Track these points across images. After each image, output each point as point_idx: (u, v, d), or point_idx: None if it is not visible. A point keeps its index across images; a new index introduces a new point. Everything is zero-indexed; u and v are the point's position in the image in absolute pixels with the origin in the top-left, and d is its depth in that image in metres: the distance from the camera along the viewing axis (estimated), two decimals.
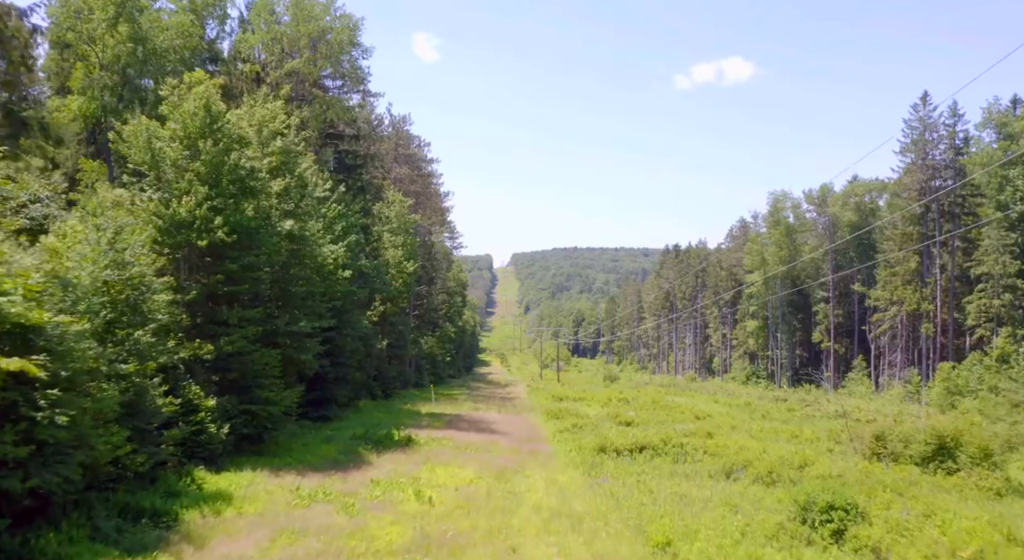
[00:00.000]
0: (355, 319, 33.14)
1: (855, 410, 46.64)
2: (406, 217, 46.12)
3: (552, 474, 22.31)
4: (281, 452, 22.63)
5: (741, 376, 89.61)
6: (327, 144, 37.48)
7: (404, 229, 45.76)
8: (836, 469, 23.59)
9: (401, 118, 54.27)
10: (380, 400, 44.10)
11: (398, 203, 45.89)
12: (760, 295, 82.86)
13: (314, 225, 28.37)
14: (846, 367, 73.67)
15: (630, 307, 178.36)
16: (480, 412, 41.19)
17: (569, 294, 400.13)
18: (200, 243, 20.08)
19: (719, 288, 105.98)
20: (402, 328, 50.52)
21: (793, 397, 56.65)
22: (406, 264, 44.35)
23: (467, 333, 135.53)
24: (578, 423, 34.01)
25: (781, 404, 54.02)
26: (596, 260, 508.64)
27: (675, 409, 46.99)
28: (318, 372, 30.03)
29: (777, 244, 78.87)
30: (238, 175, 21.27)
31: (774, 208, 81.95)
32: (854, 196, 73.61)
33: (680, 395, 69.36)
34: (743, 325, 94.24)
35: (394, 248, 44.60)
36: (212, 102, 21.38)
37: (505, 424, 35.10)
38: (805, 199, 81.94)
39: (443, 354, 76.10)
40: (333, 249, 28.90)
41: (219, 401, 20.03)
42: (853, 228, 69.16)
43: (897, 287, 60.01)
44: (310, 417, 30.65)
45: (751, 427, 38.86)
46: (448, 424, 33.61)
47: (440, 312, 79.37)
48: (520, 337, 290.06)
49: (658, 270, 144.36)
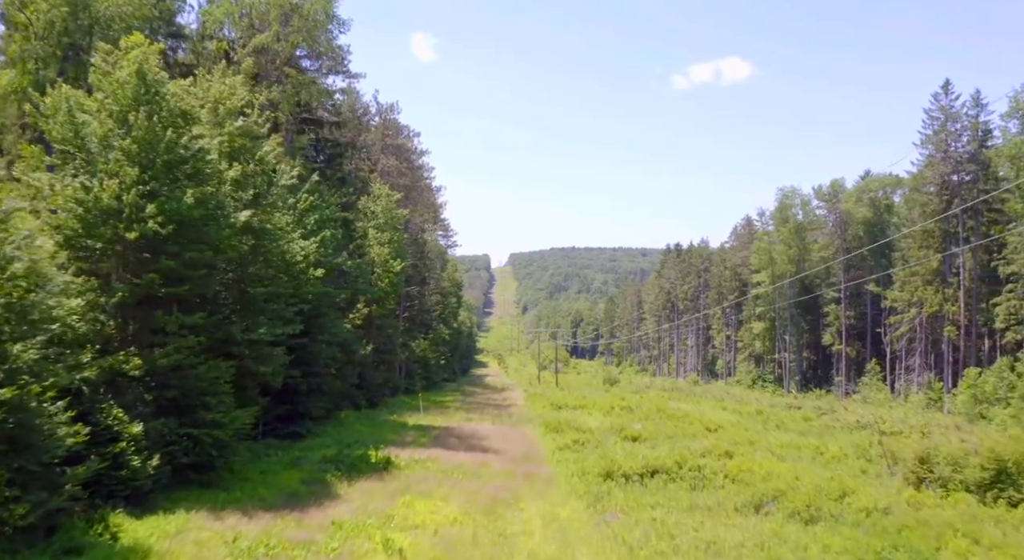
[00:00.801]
0: (332, 323, 29.77)
1: (878, 421, 43.33)
2: (393, 212, 42.73)
3: (551, 507, 18.98)
4: (233, 483, 19.24)
5: (746, 379, 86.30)
6: (304, 130, 34.15)
7: (391, 225, 42.39)
8: (881, 499, 20.32)
9: (388, 106, 50.93)
10: (365, 410, 40.74)
11: (385, 197, 42.50)
12: (767, 296, 79.48)
13: (281, 217, 24.99)
14: (858, 371, 70.40)
15: (630, 308, 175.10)
16: (472, 423, 37.83)
17: (567, 294, 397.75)
18: (129, 235, 16.71)
19: (723, 288, 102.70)
20: (390, 331, 47.15)
21: (807, 404, 53.33)
22: (393, 263, 40.97)
23: (463, 334, 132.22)
24: (579, 438, 30.65)
25: (795, 412, 50.71)
26: (594, 260, 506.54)
27: (683, 419, 43.67)
28: (288, 384, 26.68)
29: (785, 242, 75.39)
30: (177, 155, 17.88)
31: (782, 205, 78.35)
32: (868, 192, 70.07)
33: (685, 401, 66.06)
34: (748, 327, 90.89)
35: (380, 245, 41.22)
36: (148, 69, 17.98)
37: (499, 439, 31.72)
38: (815, 195, 78.53)
39: (436, 357, 72.70)
40: (304, 245, 25.52)
41: (152, 426, 16.70)
42: (867, 225, 65.92)
43: (917, 287, 56.68)
44: (279, 434, 27.31)
45: (768, 441, 35.58)
46: (435, 440, 30.24)
47: (433, 313, 75.96)
48: (518, 338, 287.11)
49: (659, 270, 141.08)
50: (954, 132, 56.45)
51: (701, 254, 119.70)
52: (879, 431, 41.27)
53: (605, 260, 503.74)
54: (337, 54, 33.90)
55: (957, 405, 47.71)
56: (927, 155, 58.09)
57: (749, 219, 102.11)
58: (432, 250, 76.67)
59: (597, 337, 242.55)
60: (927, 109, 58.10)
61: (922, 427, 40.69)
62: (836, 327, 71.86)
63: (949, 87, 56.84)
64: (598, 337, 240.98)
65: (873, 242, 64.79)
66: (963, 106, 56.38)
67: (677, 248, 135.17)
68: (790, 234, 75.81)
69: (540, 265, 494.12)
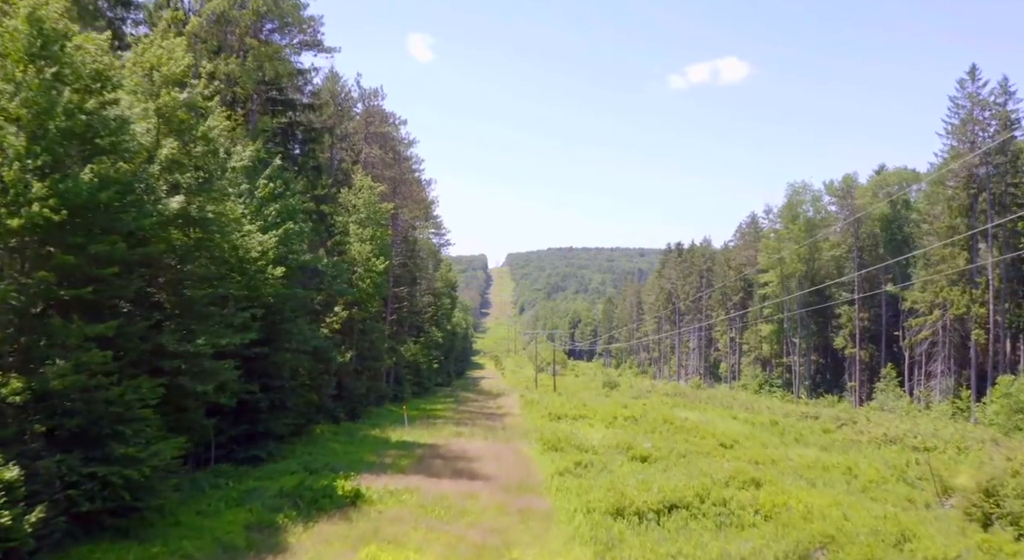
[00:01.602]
0: (300, 329, 26.11)
1: (907, 434, 39.76)
2: (377, 206, 39.07)
3: (551, 558, 15.43)
4: (157, 530, 15.61)
5: (753, 384, 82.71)
6: (273, 112, 30.51)
7: (374, 220, 38.72)
8: (949, 546, 16.76)
9: (372, 91, 46.99)
10: (344, 423, 37.11)
11: (367, 189, 38.83)
12: (775, 296, 75.77)
13: (234, 207, 21.35)
14: (871, 376, 66.87)
15: (629, 308, 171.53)
16: (462, 439, 34.17)
17: (565, 294, 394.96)
18: (11, 222, 13.08)
19: (727, 289, 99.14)
20: (375, 336, 43.50)
21: (824, 413, 49.74)
22: (375, 261, 37.31)
23: (458, 336, 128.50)
24: (582, 459, 27.02)
25: (812, 423, 47.12)
26: (592, 260, 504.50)
27: (692, 431, 40.12)
28: (245, 400, 23.08)
29: (796, 240, 71.68)
30: (80, 124, 14.24)
31: (793, 201, 74.55)
32: (885, 186, 66.37)
33: (691, 408, 62.45)
34: (755, 329, 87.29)
35: (361, 242, 37.56)
36: (46, 16, 14.34)
37: (491, 459, 28.08)
38: (826, 191, 74.84)
39: (428, 362, 69.06)
40: (262, 239, 21.89)
41: (45, 465, 13.13)
42: (884, 222, 62.31)
43: (942, 288, 53.00)
44: (236, 458, 23.65)
45: (790, 458, 32.05)
46: (418, 463, 26.59)
47: (425, 315, 72.23)
48: (515, 338, 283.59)
49: (659, 270, 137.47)
50: (982, 121, 52.81)
51: (703, 253, 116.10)
52: (911, 447, 37.77)
53: (603, 260, 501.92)
54: (307, 25, 30.13)
55: (988, 415, 44.13)
56: (950, 146, 54.43)
57: (755, 217, 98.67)
58: (423, 248, 72.95)
59: (595, 338, 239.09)
60: (952, 97, 54.40)
61: (957, 442, 37.12)
62: (849, 329, 68.21)
63: (976, 73, 53.14)
64: (596, 338, 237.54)
65: (890, 240, 61.24)
66: (991, 94, 52.79)
67: (678, 247, 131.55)
68: (800, 232, 71.98)
69: (537, 265, 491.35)
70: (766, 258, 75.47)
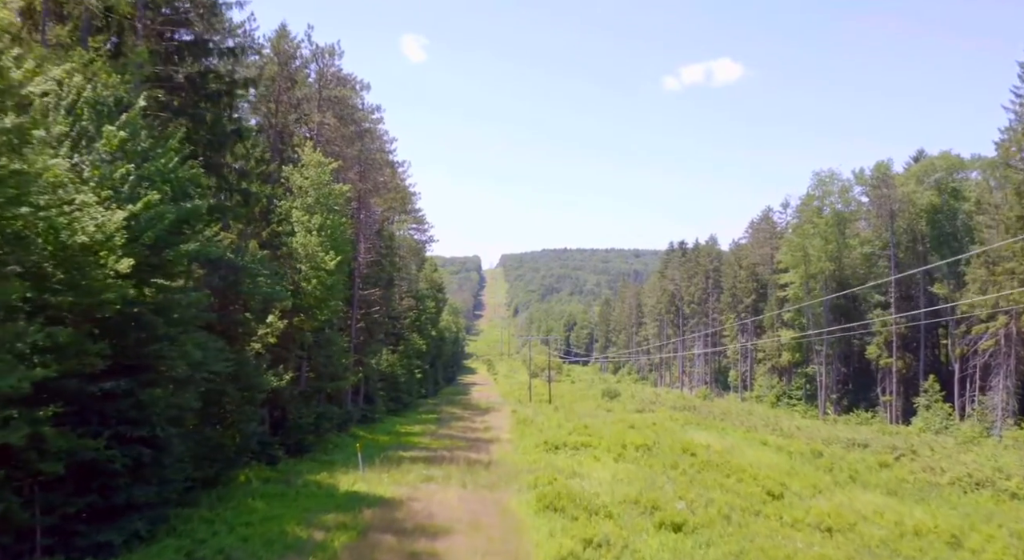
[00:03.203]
0: (192, 349, 18.14)
1: (995, 474, 31.98)
2: (330, 187, 31.11)
3: None
4: None
5: (769, 396, 74.81)
6: (169, 52, 22.58)
7: (326, 205, 30.78)
8: None
9: (327, 48, 38.41)
10: (285, 463, 29.14)
11: (315, 166, 30.91)
12: (798, 299, 67.84)
13: (62, 160, 13.46)
14: (908, 389, 59.20)
15: (628, 311, 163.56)
16: (433, 487, 26.17)
17: (559, 296, 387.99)
18: None
19: (737, 291, 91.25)
20: (332, 349, 35.52)
21: (875, 441, 41.85)
22: (325, 257, 29.34)
23: (447, 341, 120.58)
24: (593, 534, 19.05)
25: (861, 452, 39.25)
26: (586, 261, 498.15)
27: (724, 467, 32.36)
28: (93, 461, 15.25)
29: (823, 236, 63.78)
30: None
31: (820, 192, 66.28)
32: (933, 172, 58.14)
33: (706, 426, 54.62)
34: (772, 335, 79.44)
35: (307, 233, 29.59)
36: None
37: (465, 530, 20.07)
38: (856, 180, 66.78)
39: (406, 373, 60.97)
40: (100, 216, 13.98)
41: None
42: (931, 213, 54.54)
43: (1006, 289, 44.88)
44: (76, 547, 15.68)
45: (866, 514, 24.32)
46: (358, 542, 18.58)
47: (404, 321, 64.09)
48: (509, 341, 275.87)
49: (661, 270, 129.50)
50: None
51: (709, 253, 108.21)
52: (1008, 493, 30.05)
53: (598, 261, 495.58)
54: None
55: None
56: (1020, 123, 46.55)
57: (769, 212, 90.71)
58: (403, 246, 64.96)
59: (592, 341, 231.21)
60: (1021, 74, 46.42)
61: None
62: (884, 336, 60.41)
63: None
64: (593, 341, 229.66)
65: (938, 235, 53.58)
66: None
67: (682, 246, 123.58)
68: (827, 226, 64.19)
69: (532, 266, 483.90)
70: (789, 257, 67.46)
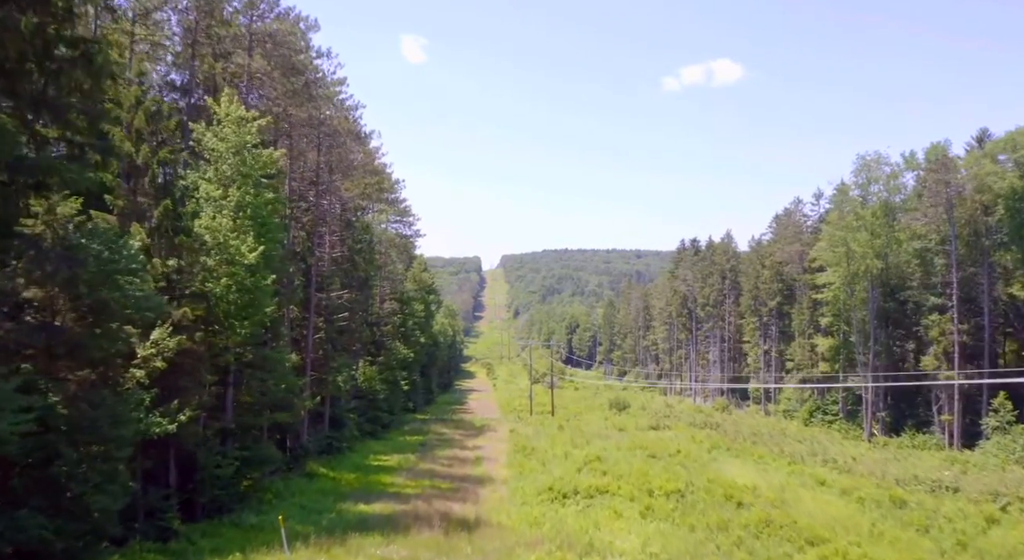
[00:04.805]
0: None
1: None
2: (253, 152, 22.65)
3: None
4: None
5: (801, 411, 66.18)
6: None
7: (249, 176, 22.37)
8: None
9: None
10: (189, 534, 20.66)
11: (233, 121, 22.43)
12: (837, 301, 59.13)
13: None
14: (968, 408, 50.72)
15: (634, 313, 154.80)
16: None
17: (561, 297, 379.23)
18: None
19: (759, 292, 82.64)
20: (273, 371, 26.98)
21: (963, 480, 33.23)
22: (240, 247, 20.88)
23: (442, 346, 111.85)
24: None
25: (953, 497, 30.72)
26: (588, 262, 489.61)
27: (790, 529, 23.96)
28: None
29: (870, 229, 54.82)
30: None
31: (863, 178, 56.95)
32: (1017, 150, 49.02)
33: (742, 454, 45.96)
34: (801, 343, 70.80)
35: (218, 213, 21.17)
36: None
37: None
38: (906, 165, 57.68)
39: (388, 388, 52.37)
40: None
41: None
42: (1011, 200, 45.92)
43: None
44: None
45: None
46: None
47: (385, 327, 55.41)
48: (509, 343, 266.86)
49: (672, 270, 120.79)
50: None
51: (726, 251, 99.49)
52: None
53: (599, 262, 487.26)
54: None
55: None
56: None
57: (799, 203, 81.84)
58: (382, 240, 56.33)
59: (595, 344, 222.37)
60: None
61: None
62: (943, 346, 51.94)
63: None
64: (596, 344, 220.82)
65: (1018, 224, 45.10)
66: None
67: (694, 245, 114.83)
68: (875, 217, 55.33)
69: (532, 267, 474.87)
70: (829, 253, 58.46)
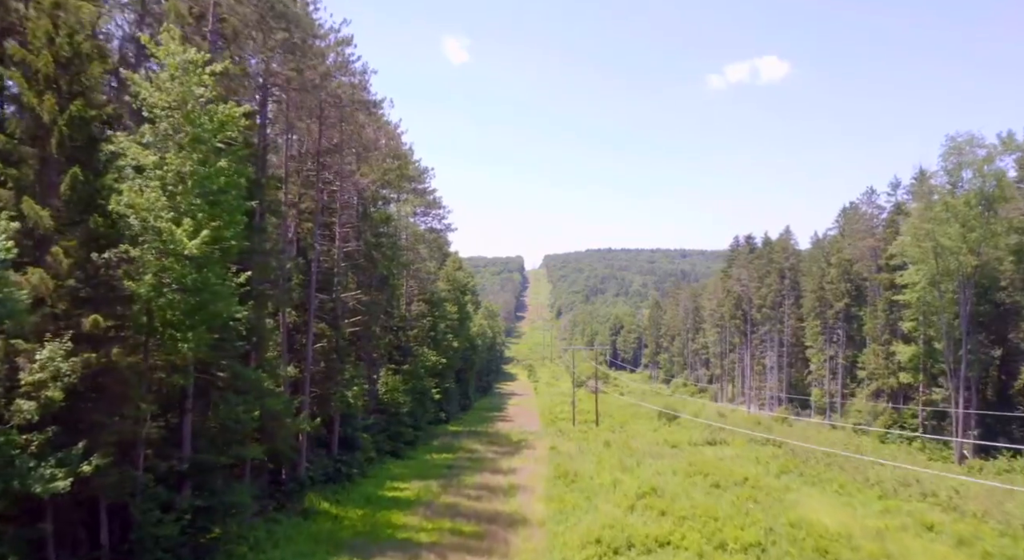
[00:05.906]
0: None
1: None
2: (208, 108, 17.26)
3: None
4: None
5: (877, 424, 59.02)
6: None
7: (198, 137, 16.97)
8: None
9: None
10: None
11: (175, 66, 16.97)
12: (921, 303, 51.86)
13: None
14: None
15: (682, 314, 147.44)
16: None
17: (604, 297, 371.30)
18: None
19: (825, 293, 75.37)
20: (236, 397, 21.62)
21: None
22: (175, 231, 15.41)
23: (479, 349, 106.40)
24: None
25: None
26: (632, 261, 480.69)
27: None
28: None
29: (962, 221, 47.15)
30: None
31: (952, 163, 49.03)
32: None
33: (820, 482, 39.43)
34: (875, 349, 63.55)
35: (148, 185, 15.78)
36: None
37: None
38: (1003, 147, 49.47)
39: (414, 400, 46.92)
40: None
41: None
42: None
43: None
44: None
45: None
46: None
47: (411, 332, 49.95)
48: (551, 344, 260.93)
49: (725, 269, 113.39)
50: None
51: (785, 249, 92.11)
52: None
53: (643, 261, 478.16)
54: None
55: None
56: None
57: (872, 194, 74.11)
58: (409, 235, 50.91)
59: (640, 347, 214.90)
60: None
61: None
62: None
63: None
64: (641, 346, 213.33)
65: None
66: None
67: (749, 242, 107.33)
68: (968, 208, 47.82)
69: (575, 267, 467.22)
70: (914, 249, 50.83)
